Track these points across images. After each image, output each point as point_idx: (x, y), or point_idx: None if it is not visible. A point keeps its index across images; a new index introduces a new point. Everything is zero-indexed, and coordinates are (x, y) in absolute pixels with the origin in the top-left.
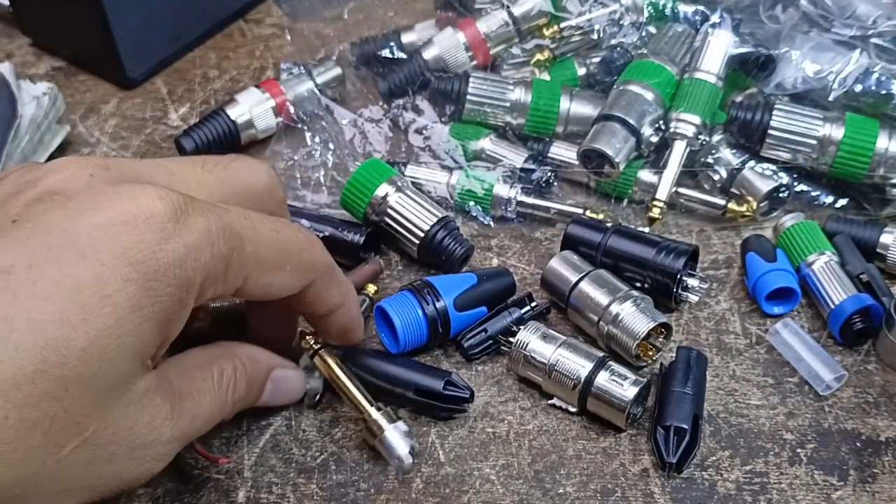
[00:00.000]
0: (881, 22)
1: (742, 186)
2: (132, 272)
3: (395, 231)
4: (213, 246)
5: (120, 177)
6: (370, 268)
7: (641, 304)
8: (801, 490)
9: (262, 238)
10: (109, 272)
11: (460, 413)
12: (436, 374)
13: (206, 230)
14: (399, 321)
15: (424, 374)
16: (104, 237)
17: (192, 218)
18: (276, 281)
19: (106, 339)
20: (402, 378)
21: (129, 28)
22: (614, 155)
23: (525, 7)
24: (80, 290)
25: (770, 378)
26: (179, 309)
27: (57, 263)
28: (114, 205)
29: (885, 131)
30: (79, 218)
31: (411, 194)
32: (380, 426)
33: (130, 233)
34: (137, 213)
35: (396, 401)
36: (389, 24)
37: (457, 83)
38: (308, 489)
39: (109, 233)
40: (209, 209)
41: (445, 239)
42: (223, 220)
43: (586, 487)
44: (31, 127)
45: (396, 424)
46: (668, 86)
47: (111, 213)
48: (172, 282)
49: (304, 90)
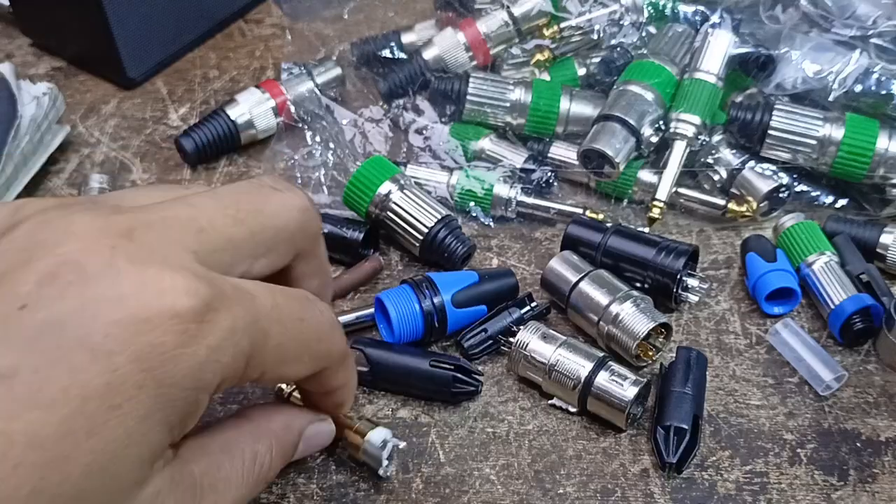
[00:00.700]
0: (881, 22)
1: (742, 186)
2: (146, 379)
3: (398, 229)
4: (236, 346)
5: (145, 251)
6: (370, 265)
7: (641, 305)
8: (801, 490)
9: (286, 330)
10: (121, 379)
11: (473, 393)
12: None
13: (231, 329)
14: (395, 312)
15: (436, 355)
16: (121, 336)
17: (218, 315)
18: (290, 372)
19: (112, 451)
20: (418, 354)
21: (129, 28)
22: (614, 155)
23: (525, 7)
24: (88, 399)
25: (770, 378)
26: (194, 410)
27: (66, 367)
28: (137, 297)
29: (885, 131)
30: (97, 312)
31: (414, 192)
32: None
33: (149, 333)
34: (161, 311)
35: (407, 386)
36: (389, 24)
37: (457, 83)
38: (308, 489)
39: (127, 331)
40: (237, 301)
41: (447, 237)
42: (250, 315)
43: (586, 487)
44: (31, 127)
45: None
46: (668, 86)
47: (133, 308)
48: (188, 385)
49: (305, 90)
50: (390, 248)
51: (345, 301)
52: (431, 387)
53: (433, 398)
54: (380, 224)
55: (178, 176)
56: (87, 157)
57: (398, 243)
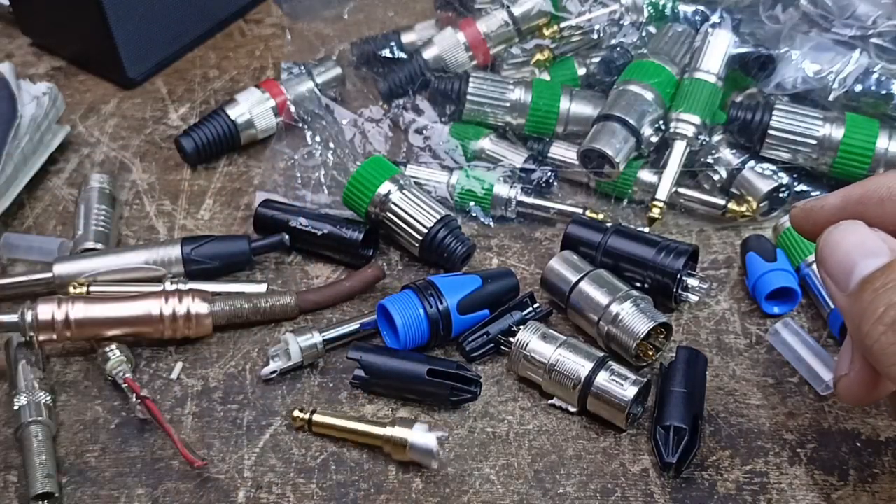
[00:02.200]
0: (881, 22)
1: (742, 186)
2: None
3: (397, 229)
4: None
5: None
6: (371, 273)
7: (641, 304)
8: (801, 490)
9: None
10: None
11: (470, 399)
12: (445, 362)
13: None
14: (401, 320)
15: (435, 361)
16: None
17: None
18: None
19: None
20: (416, 360)
21: (129, 28)
22: (614, 155)
23: (525, 7)
24: None
25: (770, 378)
26: None
27: None
28: None
29: (885, 131)
30: None
31: (414, 192)
32: (402, 438)
33: None
34: None
35: (406, 391)
36: (389, 24)
37: (457, 83)
38: (308, 489)
39: None
40: None
41: (447, 237)
42: None
43: (586, 487)
44: (31, 127)
45: (415, 426)
46: (668, 86)
47: None
48: None
49: (305, 90)
50: (390, 249)
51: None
52: (430, 395)
53: (432, 404)
54: (379, 224)
55: (178, 176)
56: (86, 156)
57: (397, 243)
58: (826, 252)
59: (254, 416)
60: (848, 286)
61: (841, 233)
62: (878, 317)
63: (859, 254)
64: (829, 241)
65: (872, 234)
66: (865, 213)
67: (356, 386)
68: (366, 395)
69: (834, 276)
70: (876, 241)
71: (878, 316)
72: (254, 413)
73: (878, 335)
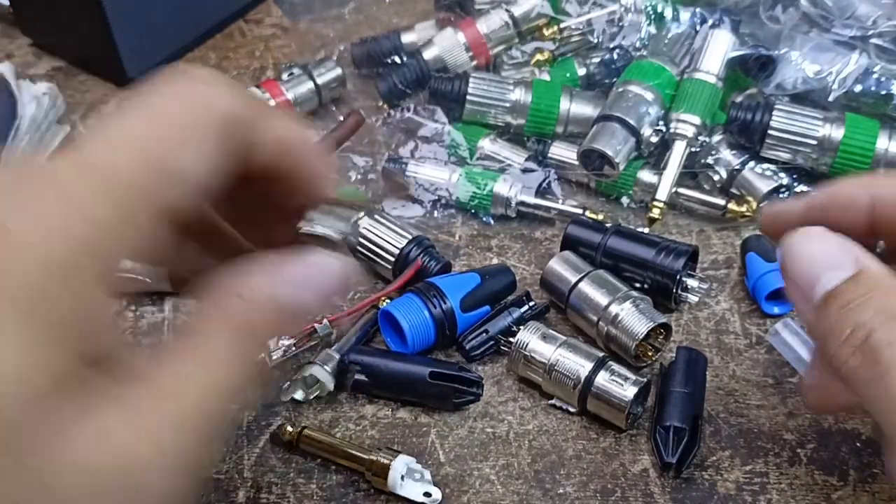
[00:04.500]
0: (881, 22)
1: (742, 186)
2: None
3: (370, 254)
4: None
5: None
6: (353, 119)
7: (641, 305)
8: (801, 490)
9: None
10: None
11: (472, 401)
12: (446, 364)
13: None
14: (406, 323)
15: (436, 363)
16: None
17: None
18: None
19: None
20: (418, 363)
21: (129, 28)
22: (614, 155)
23: (525, 8)
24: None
25: (770, 378)
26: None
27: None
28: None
29: (885, 131)
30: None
31: (385, 217)
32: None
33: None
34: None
35: (408, 394)
36: (389, 24)
37: (457, 83)
38: (308, 489)
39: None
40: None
41: (421, 256)
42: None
43: (586, 487)
44: (31, 127)
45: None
46: (668, 86)
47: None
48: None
49: (305, 90)
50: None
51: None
52: (432, 398)
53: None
54: (353, 252)
55: None
56: None
57: (374, 271)
58: (788, 261)
59: (254, 416)
60: (812, 297)
61: (802, 241)
62: (844, 338)
63: (823, 265)
64: (791, 250)
65: (836, 243)
66: (828, 220)
67: (357, 390)
68: (366, 395)
69: (797, 286)
70: (839, 250)
71: (844, 337)
72: (254, 413)
73: (847, 357)
